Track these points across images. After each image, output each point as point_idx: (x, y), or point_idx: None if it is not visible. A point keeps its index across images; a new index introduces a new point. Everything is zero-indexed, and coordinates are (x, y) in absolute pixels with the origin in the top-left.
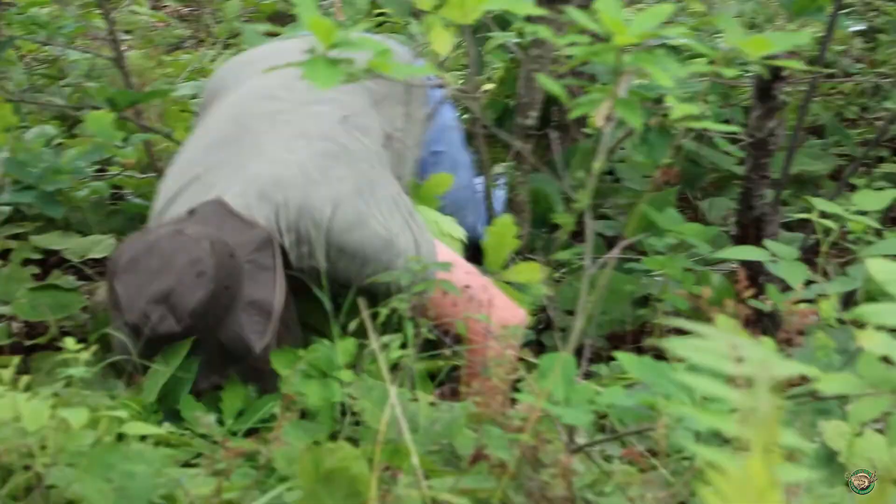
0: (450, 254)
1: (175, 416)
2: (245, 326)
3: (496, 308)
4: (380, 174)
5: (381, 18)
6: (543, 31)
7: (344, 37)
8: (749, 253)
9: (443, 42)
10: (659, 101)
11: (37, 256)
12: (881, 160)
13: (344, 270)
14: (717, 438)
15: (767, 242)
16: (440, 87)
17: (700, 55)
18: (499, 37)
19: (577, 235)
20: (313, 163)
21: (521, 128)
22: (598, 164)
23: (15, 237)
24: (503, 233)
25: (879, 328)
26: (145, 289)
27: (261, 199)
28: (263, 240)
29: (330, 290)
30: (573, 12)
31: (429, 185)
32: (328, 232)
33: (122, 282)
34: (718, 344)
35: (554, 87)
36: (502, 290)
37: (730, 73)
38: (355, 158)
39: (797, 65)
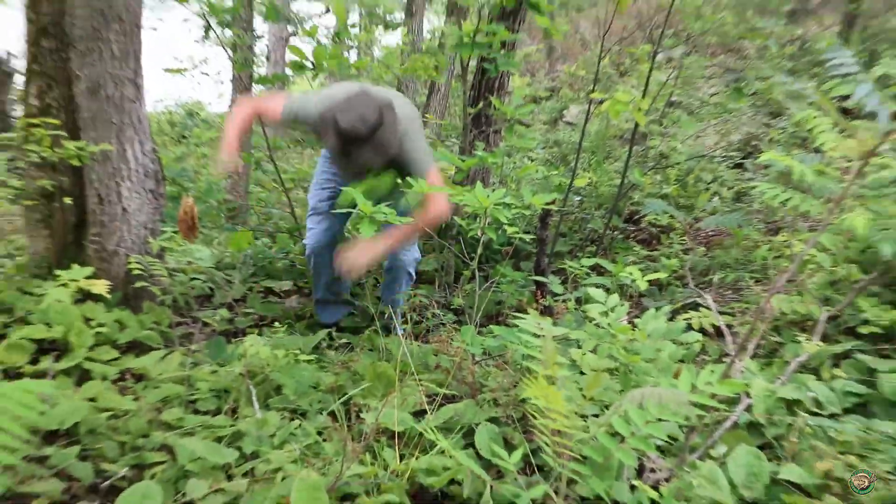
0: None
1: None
2: (388, 140)
3: (440, 199)
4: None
5: None
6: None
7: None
8: (542, 279)
9: None
10: (501, 225)
11: (262, 290)
12: (587, 247)
13: (398, 147)
14: (531, 358)
15: (547, 277)
16: None
17: (517, 206)
18: None
19: (472, 278)
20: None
21: (449, 238)
22: (479, 251)
23: (254, 282)
24: None
25: (595, 311)
26: (353, 113)
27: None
28: (394, 114)
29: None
30: (467, 193)
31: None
32: (406, 134)
33: (341, 109)
34: (530, 321)
35: (461, 221)
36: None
37: (528, 212)
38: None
39: (555, 208)
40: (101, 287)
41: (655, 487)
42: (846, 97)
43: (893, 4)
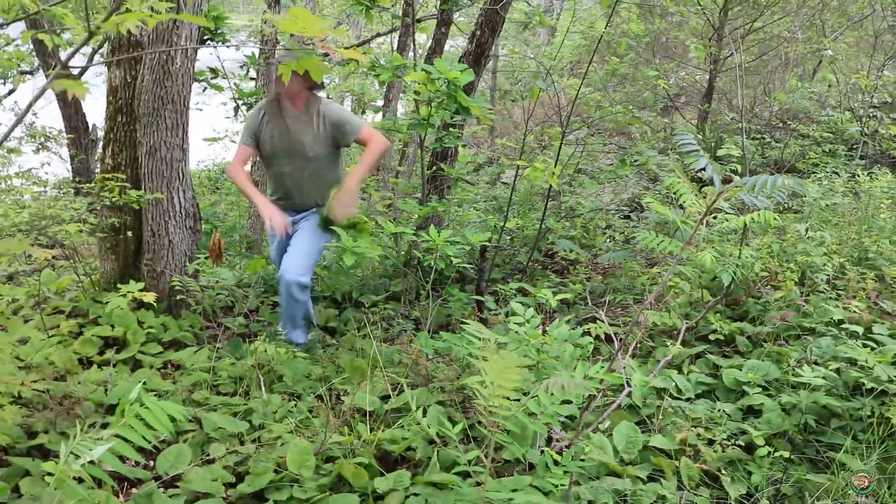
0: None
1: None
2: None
3: (377, 135)
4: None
5: None
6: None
7: None
8: (480, 298)
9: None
10: (450, 257)
11: (271, 303)
12: (514, 274)
13: (327, 108)
14: (476, 355)
15: (484, 297)
16: None
17: (462, 244)
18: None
19: (428, 297)
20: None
21: (411, 266)
22: (432, 276)
23: (265, 297)
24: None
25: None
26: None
27: None
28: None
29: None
30: (423, 234)
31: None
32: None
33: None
34: (474, 327)
35: (419, 255)
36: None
37: (469, 247)
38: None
39: (489, 244)
40: (150, 298)
41: (559, 452)
42: (700, 169)
43: (732, 106)
